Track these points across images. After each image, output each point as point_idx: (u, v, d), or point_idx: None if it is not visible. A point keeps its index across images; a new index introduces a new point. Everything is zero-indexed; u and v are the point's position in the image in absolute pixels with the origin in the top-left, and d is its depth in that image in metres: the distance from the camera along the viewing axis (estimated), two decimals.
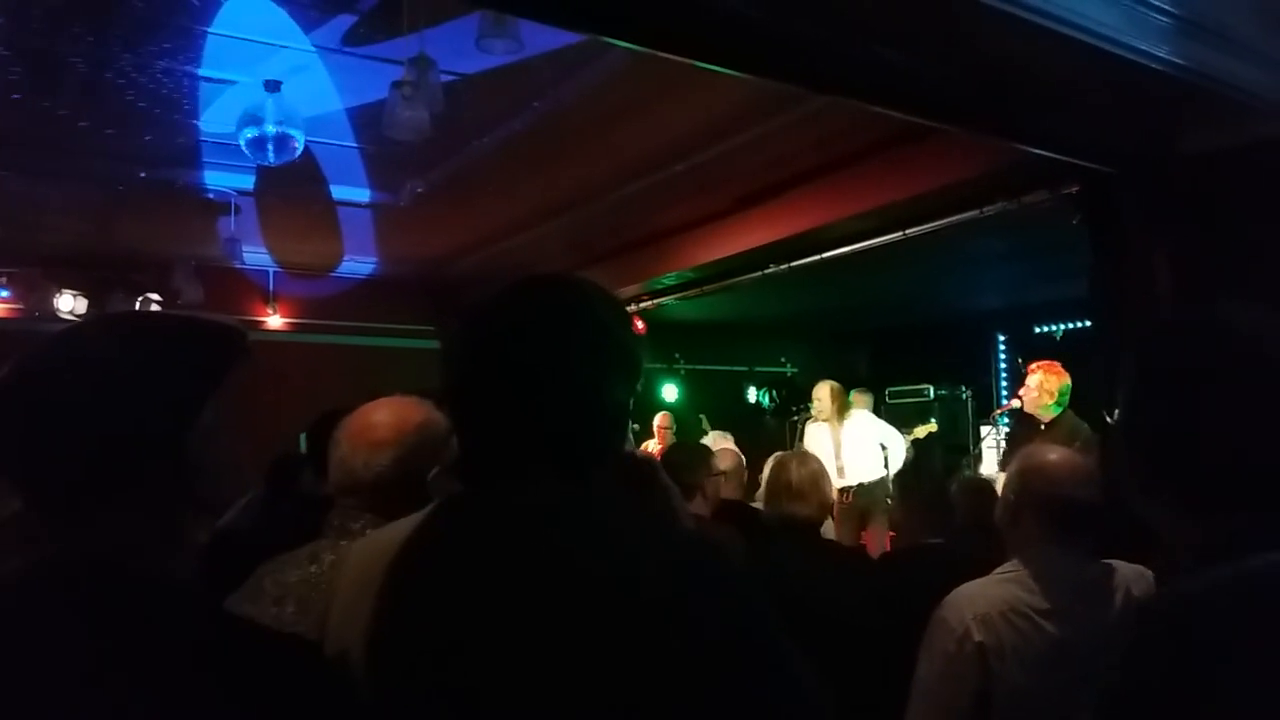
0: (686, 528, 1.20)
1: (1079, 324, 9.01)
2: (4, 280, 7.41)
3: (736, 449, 5.12)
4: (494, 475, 1.23)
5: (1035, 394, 5.49)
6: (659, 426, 8.37)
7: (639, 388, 1.32)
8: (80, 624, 1.02)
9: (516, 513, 1.18)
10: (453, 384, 1.27)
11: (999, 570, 2.28)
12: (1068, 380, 5.49)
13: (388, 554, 1.22)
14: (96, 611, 1.03)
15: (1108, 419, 3.96)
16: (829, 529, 5.00)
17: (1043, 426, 5.48)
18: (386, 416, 1.98)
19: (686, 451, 4.17)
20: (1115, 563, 2.29)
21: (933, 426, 8.21)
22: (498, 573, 1.13)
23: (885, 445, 7.00)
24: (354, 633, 1.19)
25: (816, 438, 7.14)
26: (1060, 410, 5.46)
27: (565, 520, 1.17)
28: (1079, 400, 5.51)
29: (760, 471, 3.61)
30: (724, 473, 4.18)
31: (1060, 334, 9.38)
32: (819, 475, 3.25)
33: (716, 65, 3.03)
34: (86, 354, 1.12)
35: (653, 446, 7.85)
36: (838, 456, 6.91)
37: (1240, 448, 1.14)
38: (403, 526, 1.26)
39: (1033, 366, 5.64)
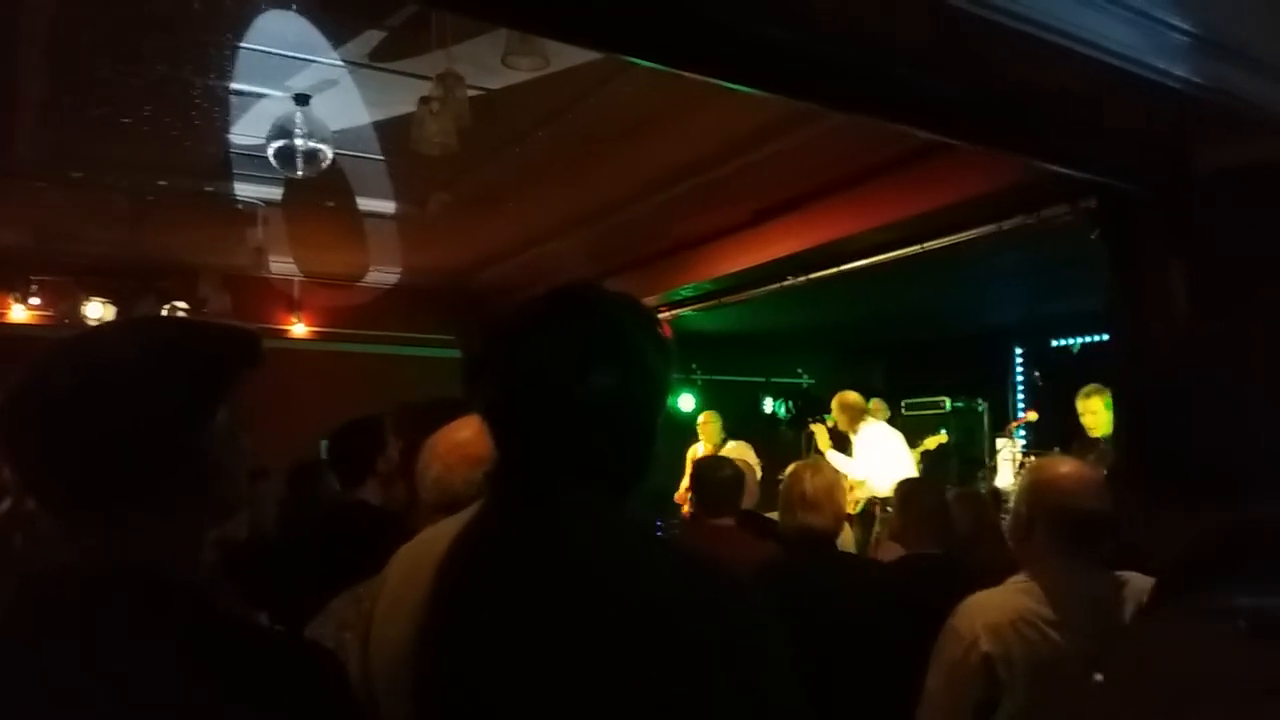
0: (707, 554, 1.22)
1: (1096, 337, 9.00)
2: (35, 288, 7.51)
3: (747, 459, 5.13)
4: (525, 486, 1.24)
5: (1096, 417, 5.44)
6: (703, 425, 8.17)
7: (668, 399, 1.31)
8: (103, 628, 1.04)
9: (544, 526, 1.19)
10: (483, 395, 1.27)
11: (1011, 580, 2.31)
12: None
13: (425, 559, 1.25)
14: (118, 615, 1.05)
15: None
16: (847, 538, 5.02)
17: (1102, 444, 5.37)
18: (476, 434, 1.97)
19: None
20: (1128, 574, 2.31)
21: (943, 437, 8.16)
22: (522, 585, 1.15)
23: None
24: (392, 633, 1.22)
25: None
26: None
27: (590, 537, 1.19)
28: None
29: (777, 482, 3.64)
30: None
31: (1077, 347, 9.36)
32: (833, 485, 3.23)
33: (739, 84, 3.08)
34: (98, 358, 1.12)
35: (700, 450, 7.85)
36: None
37: (1231, 450, 1.21)
38: (440, 532, 1.28)
39: (1084, 391, 5.58)
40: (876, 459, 7.04)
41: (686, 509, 6.81)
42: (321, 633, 1.92)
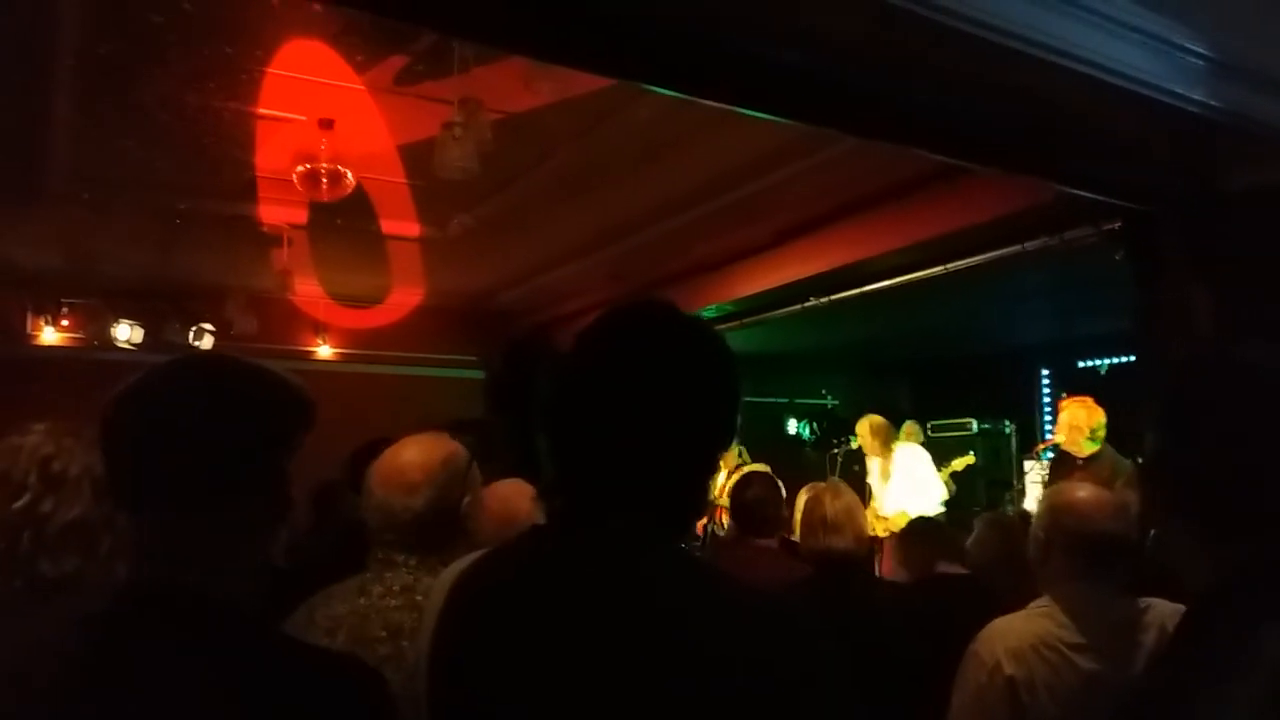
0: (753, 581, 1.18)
1: (1123, 358, 8.92)
2: (65, 310, 7.62)
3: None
4: (578, 511, 1.22)
5: (1066, 430, 5.36)
6: None
7: (734, 424, 1.25)
8: (164, 652, 1.09)
9: (597, 552, 1.17)
10: (546, 412, 1.24)
11: (1032, 605, 2.30)
12: (1101, 415, 5.33)
13: (476, 582, 1.25)
14: (169, 638, 1.10)
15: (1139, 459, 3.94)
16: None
17: (1080, 462, 5.31)
18: (414, 457, 2.04)
19: (767, 484, 4.04)
20: (1152, 600, 2.29)
21: (970, 458, 8.07)
22: (570, 611, 1.13)
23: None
24: (447, 653, 1.22)
25: (874, 472, 7.17)
26: (1097, 446, 5.30)
27: (653, 567, 1.15)
28: (1121, 436, 5.34)
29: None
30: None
31: (1105, 368, 9.28)
32: (853, 507, 3.24)
33: (758, 111, 3.08)
34: (194, 384, 1.20)
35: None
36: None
37: (1254, 481, 1.20)
38: (493, 554, 1.29)
39: (1063, 402, 5.51)
40: (914, 481, 6.98)
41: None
42: (297, 620, 1.95)
